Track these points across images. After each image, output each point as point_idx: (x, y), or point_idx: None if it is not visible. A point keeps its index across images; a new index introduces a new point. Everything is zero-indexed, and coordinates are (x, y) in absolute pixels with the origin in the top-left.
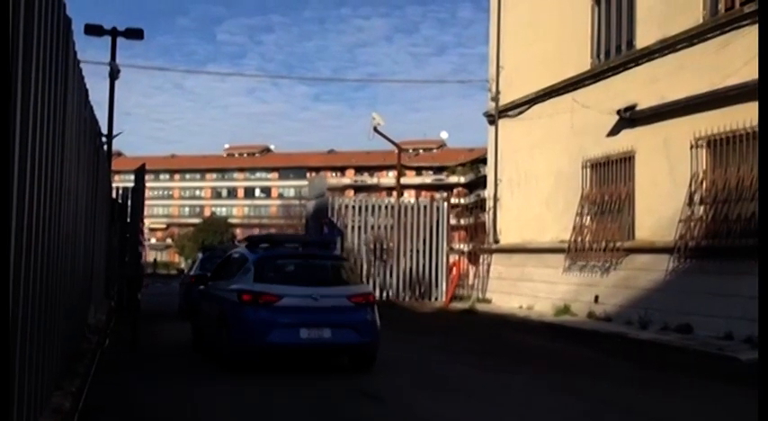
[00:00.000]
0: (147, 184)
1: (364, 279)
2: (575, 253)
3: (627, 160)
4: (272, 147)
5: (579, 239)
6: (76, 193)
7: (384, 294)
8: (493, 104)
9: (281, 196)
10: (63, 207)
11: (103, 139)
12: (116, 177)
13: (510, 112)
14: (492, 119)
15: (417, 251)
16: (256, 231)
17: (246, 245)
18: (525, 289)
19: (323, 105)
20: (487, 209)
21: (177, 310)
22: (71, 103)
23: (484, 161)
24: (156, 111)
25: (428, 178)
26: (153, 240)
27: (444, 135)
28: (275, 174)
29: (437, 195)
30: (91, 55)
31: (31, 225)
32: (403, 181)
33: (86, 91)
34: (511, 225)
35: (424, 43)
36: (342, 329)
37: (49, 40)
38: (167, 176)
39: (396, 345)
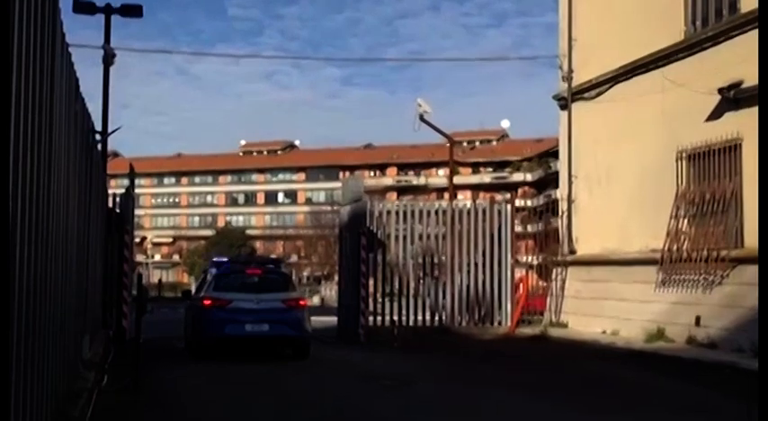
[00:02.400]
0: (149, 190)
1: (410, 299)
2: (669, 264)
3: (732, 149)
4: (296, 142)
5: (675, 248)
6: (66, 202)
7: (436, 318)
8: (565, 85)
9: (308, 201)
10: (51, 219)
11: (97, 137)
12: (112, 182)
13: (586, 94)
14: (564, 103)
15: (475, 265)
16: (280, 244)
17: (213, 265)
18: (609, 309)
19: (356, 91)
20: (560, 212)
21: (184, 345)
22: (59, 94)
23: (555, 154)
24: (158, 102)
25: (487, 176)
26: (157, 257)
27: (505, 124)
28: (301, 176)
29: (498, 197)
30: (81, 37)
31: (9, 241)
32: (456, 180)
33: (77, 80)
34: (589, 232)
35: (478, 12)
36: (277, 324)
37: (31, 20)
38: (173, 180)
39: (454, 386)
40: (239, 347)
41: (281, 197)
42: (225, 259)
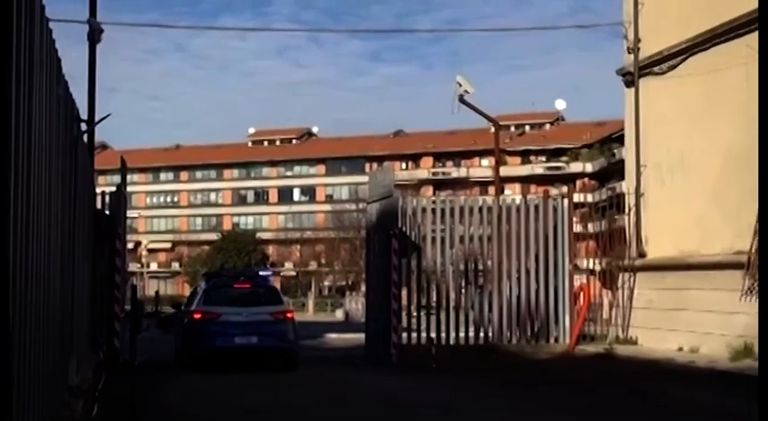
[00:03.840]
0: (144, 188)
1: (451, 312)
2: (758, 268)
3: None
4: (315, 129)
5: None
6: (47, 203)
7: (481, 335)
8: (630, 58)
9: (329, 199)
10: (30, 224)
11: (83, 127)
12: (100, 179)
13: (656, 68)
14: (630, 78)
15: (527, 272)
16: (296, 249)
17: (205, 278)
18: (686, 322)
19: (384, 68)
20: (627, 208)
21: (175, 357)
22: (38, 77)
23: (619, 139)
24: (153, 84)
25: (539, 167)
26: (153, 266)
27: (561, 105)
28: (321, 168)
29: (553, 190)
30: (64, 10)
31: None
32: (503, 171)
33: (59, 60)
34: (662, 231)
35: None
36: (265, 336)
37: None
38: (171, 176)
39: (506, 417)
40: (229, 359)
41: (297, 194)
42: (216, 271)
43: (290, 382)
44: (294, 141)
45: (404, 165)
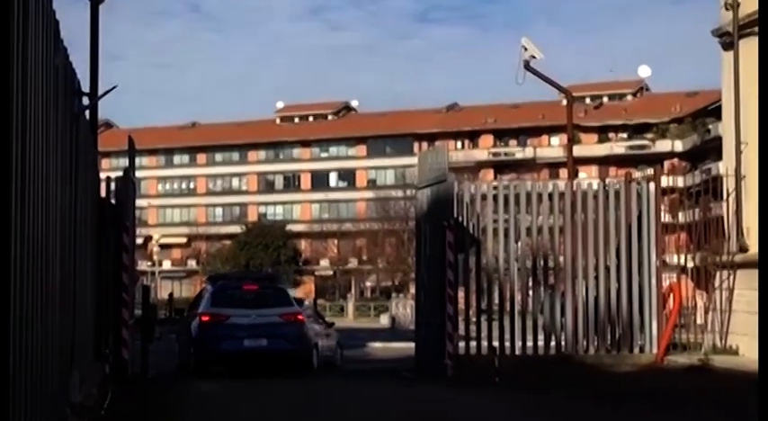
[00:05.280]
0: (155, 173)
1: (516, 317)
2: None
3: None
4: (354, 103)
5: None
6: (44, 191)
7: (552, 343)
8: (729, 15)
9: (372, 185)
10: (25, 216)
11: (85, 101)
12: (105, 162)
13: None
14: (728, 40)
15: (607, 269)
16: (333, 244)
17: (209, 281)
18: None
19: (435, 30)
20: (725, 194)
21: (177, 366)
22: (33, 44)
23: (715, 113)
24: (164, 51)
25: (620, 145)
26: (166, 264)
27: (645, 72)
28: (362, 149)
29: (637, 173)
30: None
31: None
32: (577, 151)
33: (56, 24)
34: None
35: None
36: (275, 339)
37: None
38: (186, 158)
39: None
40: (237, 363)
41: (333, 179)
42: (222, 274)
43: (328, 398)
44: (330, 117)
45: (459, 145)
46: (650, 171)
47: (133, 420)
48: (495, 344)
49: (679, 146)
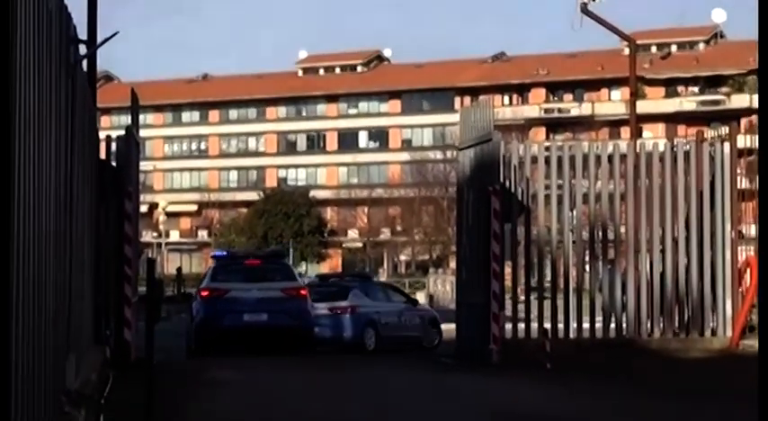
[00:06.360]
0: (161, 132)
1: (571, 296)
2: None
3: None
4: (387, 53)
5: None
6: (37, 153)
7: (611, 326)
8: None
9: (407, 145)
10: (15, 178)
11: (82, 50)
12: (105, 119)
13: None
14: None
15: (674, 241)
16: (362, 212)
17: (214, 259)
18: None
19: None
20: None
21: (185, 351)
22: None
23: None
24: None
25: (690, 100)
26: (174, 235)
27: (719, 16)
28: (395, 105)
29: (709, 132)
30: None
31: None
32: (642, 107)
33: None
34: None
35: None
36: (276, 314)
37: None
38: (196, 116)
39: None
40: (238, 339)
41: (363, 139)
42: (224, 253)
43: (361, 385)
44: (359, 69)
45: (506, 100)
46: (725, 129)
47: (136, 409)
48: (547, 326)
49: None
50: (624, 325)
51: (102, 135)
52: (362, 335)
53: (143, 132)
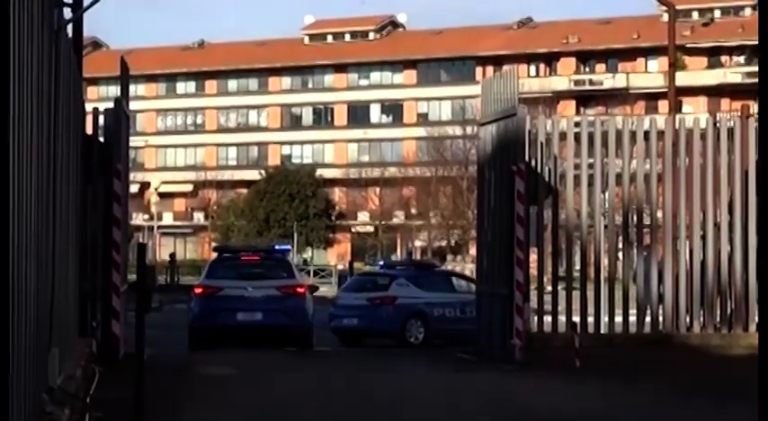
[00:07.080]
0: (154, 104)
1: (602, 286)
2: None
3: None
4: (401, 18)
5: None
6: (17, 126)
7: (647, 319)
8: None
9: (423, 120)
10: None
11: (67, 14)
12: (92, 90)
13: None
14: None
15: (716, 227)
16: (374, 193)
17: (215, 252)
18: None
19: None
20: None
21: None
22: None
23: None
24: None
25: (734, 72)
26: (167, 218)
27: None
28: (410, 75)
29: (756, 107)
30: None
31: None
32: (681, 79)
33: None
34: None
35: None
36: (271, 313)
37: None
38: (192, 86)
39: None
40: (232, 338)
41: (375, 113)
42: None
43: (371, 385)
44: (371, 36)
45: (533, 70)
46: None
47: (125, 409)
48: (576, 319)
49: None
50: (661, 319)
51: (88, 108)
52: (404, 327)
53: (134, 105)
